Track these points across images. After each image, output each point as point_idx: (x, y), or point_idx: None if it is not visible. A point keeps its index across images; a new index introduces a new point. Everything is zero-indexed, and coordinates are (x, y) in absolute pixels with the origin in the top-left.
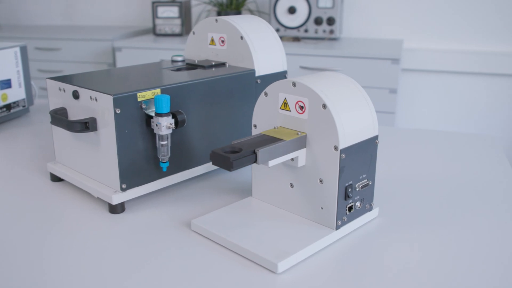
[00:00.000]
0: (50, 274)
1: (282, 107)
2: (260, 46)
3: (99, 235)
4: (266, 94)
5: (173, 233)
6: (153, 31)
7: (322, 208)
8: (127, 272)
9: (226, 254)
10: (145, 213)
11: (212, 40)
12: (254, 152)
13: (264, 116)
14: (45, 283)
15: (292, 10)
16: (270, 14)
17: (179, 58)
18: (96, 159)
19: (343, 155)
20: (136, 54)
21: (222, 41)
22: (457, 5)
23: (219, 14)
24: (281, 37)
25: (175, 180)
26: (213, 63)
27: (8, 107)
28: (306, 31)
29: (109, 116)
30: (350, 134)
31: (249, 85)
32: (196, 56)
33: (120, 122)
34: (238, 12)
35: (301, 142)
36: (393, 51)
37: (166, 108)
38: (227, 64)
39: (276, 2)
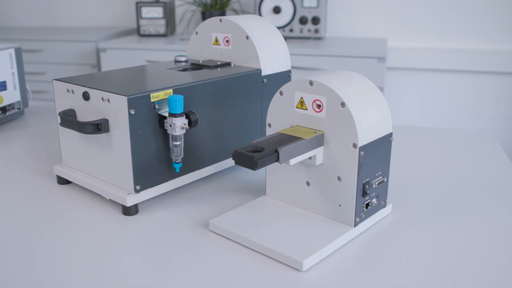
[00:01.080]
0: (68, 280)
1: (298, 106)
2: (265, 45)
3: (115, 237)
4: (281, 93)
5: (190, 233)
6: (138, 32)
7: (340, 205)
8: (150, 274)
9: (247, 254)
10: (159, 214)
11: (216, 40)
12: (276, 151)
13: (279, 115)
14: None
15: (277, 10)
16: (255, 14)
17: (183, 59)
18: (108, 160)
19: (361, 153)
20: (121, 55)
21: (227, 41)
22: (440, 3)
23: (203, 14)
24: None
25: (187, 181)
26: (219, 63)
27: (4, 109)
28: (291, 30)
29: (122, 117)
30: (367, 132)
31: (255, 85)
32: (199, 56)
33: (134, 123)
34: (222, 12)
35: (319, 140)
36: (379, 50)
37: (180, 109)
38: (232, 64)
39: (261, 2)
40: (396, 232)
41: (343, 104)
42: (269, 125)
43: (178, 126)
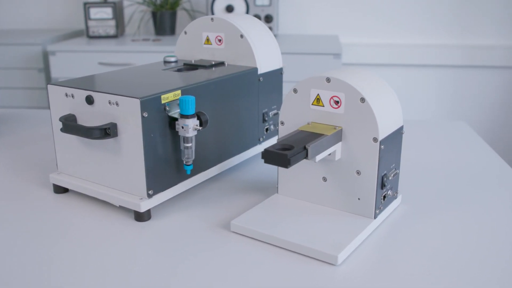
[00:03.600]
0: None
1: (315, 103)
2: (259, 44)
3: (133, 245)
4: (295, 91)
5: (212, 235)
6: (86, 33)
7: (359, 199)
8: (181, 281)
9: (275, 252)
10: (173, 218)
11: (208, 40)
12: (305, 148)
13: (293, 113)
14: None
15: (229, 9)
16: (207, 13)
17: (173, 59)
18: (115, 166)
19: (382, 146)
20: (72, 58)
21: (219, 40)
22: (388, 0)
23: (154, 14)
24: None
25: (195, 183)
26: (213, 63)
27: None
28: None
29: (134, 121)
30: (386, 126)
31: (253, 83)
32: (189, 56)
33: (146, 126)
34: (173, 12)
35: (338, 136)
36: (333, 46)
37: (192, 110)
38: (226, 63)
39: (213, 1)
40: (410, 221)
41: (362, 100)
42: (282, 123)
43: (191, 127)
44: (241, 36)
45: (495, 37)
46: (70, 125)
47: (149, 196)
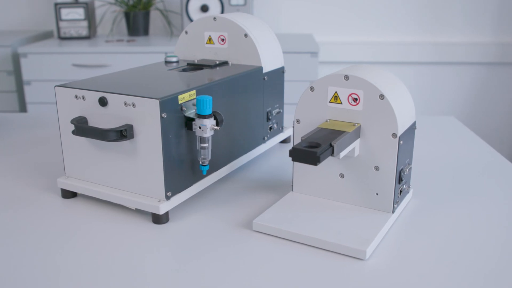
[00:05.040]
0: None
1: (332, 100)
2: (263, 43)
3: (156, 248)
4: (312, 89)
5: (234, 236)
6: (58, 35)
7: (377, 194)
8: (209, 281)
9: (299, 249)
10: (192, 219)
11: (210, 39)
12: (331, 145)
13: (310, 111)
14: None
15: (205, 9)
16: (182, 13)
17: (174, 59)
18: (131, 168)
19: (401, 142)
20: (44, 60)
21: (222, 40)
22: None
23: (127, 14)
24: None
25: (209, 183)
26: (218, 62)
27: None
28: None
29: (152, 122)
30: (403, 121)
31: (258, 82)
32: (190, 56)
33: (165, 127)
34: (147, 12)
35: (357, 132)
36: (310, 45)
37: (209, 109)
38: (229, 63)
39: (188, 1)
40: (424, 213)
41: (382, 96)
42: (298, 121)
43: (208, 127)
44: (245, 35)
45: (465, 35)
46: (83, 127)
47: (167, 198)
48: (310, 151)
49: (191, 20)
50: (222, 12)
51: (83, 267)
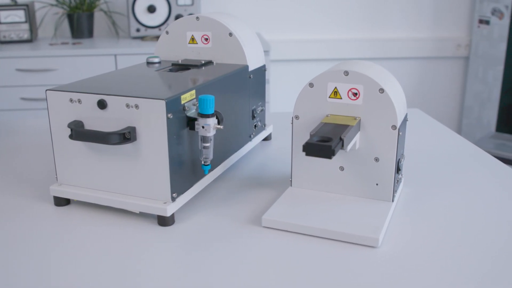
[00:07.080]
0: None
1: (332, 96)
2: (247, 41)
3: (166, 250)
4: (311, 85)
5: (244, 232)
6: None
7: (377, 184)
8: (224, 279)
9: (310, 241)
10: (198, 219)
11: (193, 39)
12: (341, 139)
13: (309, 107)
14: None
15: (151, 9)
16: (128, 15)
17: (156, 60)
18: (133, 171)
19: (400, 133)
20: None
21: (206, 39)
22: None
23: (70, 16)
24: (142, 37)
25: (207, 182)
26: (203, 62)
27: None
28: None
29: (157, 123)
30: (401, 114)
31: (245, 81)
32: (172, 56)
33: (170, 127)
34: (90, 14)
35: (358, 126)
36: (263, 43)
37: (212, 109)
38: (214, 62)
39: (134, 2)
40: (417, 200)
41: (381, 90)
42: (297, 117)
43: (211, 126)
44: (230, 34)
45: (405, 30)
46: (83, 131)
47: (173, 199)
48: (325, 145)
49: (138, 21)
50: (170, 12)
51: (90, 274)
